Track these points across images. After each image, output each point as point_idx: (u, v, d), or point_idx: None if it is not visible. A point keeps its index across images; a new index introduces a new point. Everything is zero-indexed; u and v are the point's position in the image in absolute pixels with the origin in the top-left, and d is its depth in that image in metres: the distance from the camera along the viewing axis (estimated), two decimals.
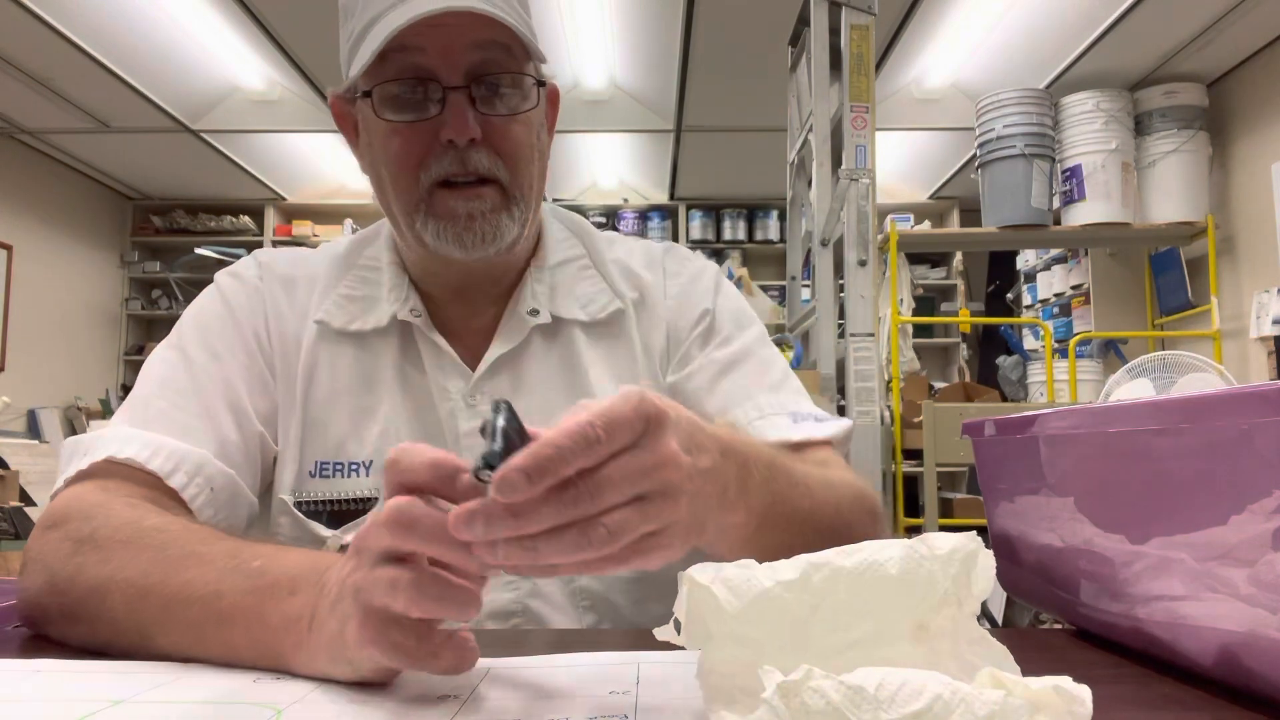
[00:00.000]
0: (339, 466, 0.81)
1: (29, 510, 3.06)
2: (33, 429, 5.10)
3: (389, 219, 0.83)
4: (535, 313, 0.85)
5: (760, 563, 0.43)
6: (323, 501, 0.80)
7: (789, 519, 0.59)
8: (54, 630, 0.63)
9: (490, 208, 0.77)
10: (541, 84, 0.80)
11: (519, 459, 0.40)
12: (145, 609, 0.57)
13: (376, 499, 0.80)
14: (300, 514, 0.80)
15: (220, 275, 0.88)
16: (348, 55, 0.77)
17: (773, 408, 0.82)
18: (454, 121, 0.74)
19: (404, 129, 0.75)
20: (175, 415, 0.75)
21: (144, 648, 0.57)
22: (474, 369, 0.83)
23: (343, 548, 0.77)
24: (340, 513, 0.80)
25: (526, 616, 0.79)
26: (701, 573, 0.41)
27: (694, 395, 0.84)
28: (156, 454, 0.71)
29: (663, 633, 0.44)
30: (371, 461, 0.80)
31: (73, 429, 5.29)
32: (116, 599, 0.58)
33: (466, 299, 0.85)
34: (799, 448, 0.78)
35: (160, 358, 0.81)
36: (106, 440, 0.72)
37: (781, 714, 0.33)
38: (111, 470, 0.70)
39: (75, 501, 0.67)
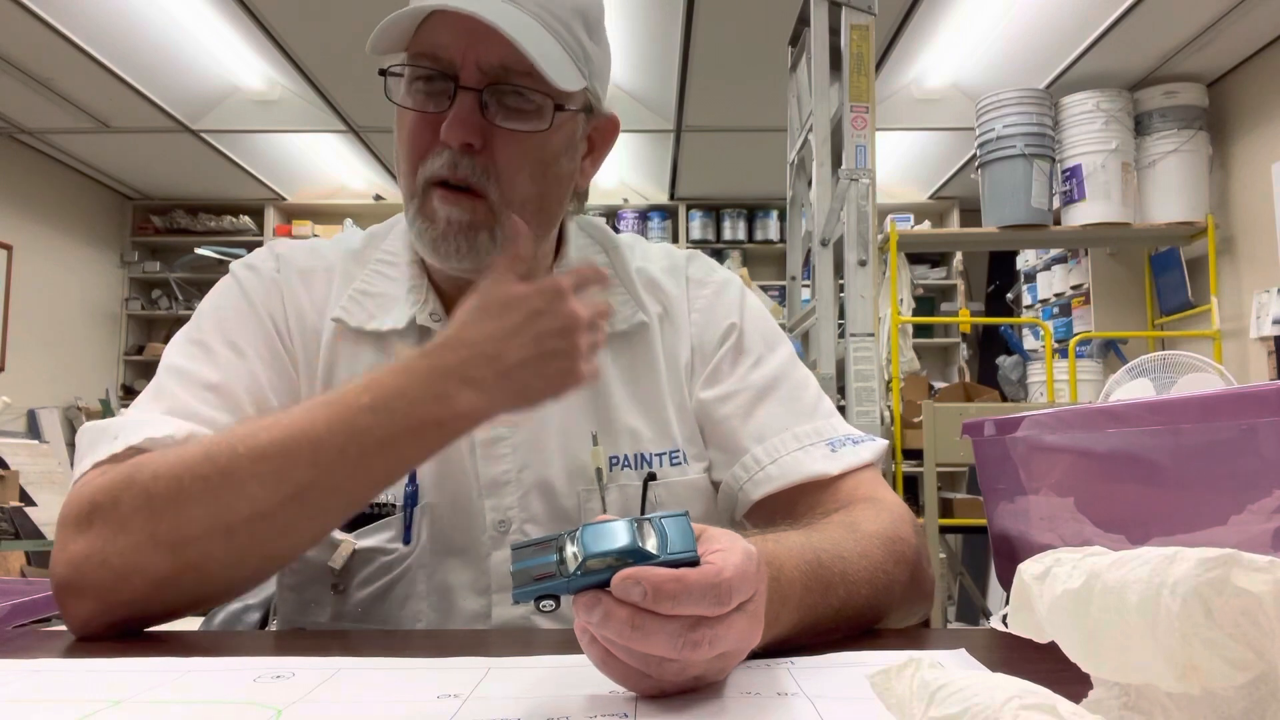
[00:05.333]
0: None
1: (29, 510, 3.06)
2: (33, 429, 5.09)
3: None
4: None
5: None
6: None
7: (818, 622, 0.61)
8: (158, 598, 0.64)
9: (469, 222, 0.74)
10: (560, 108, 0.76)
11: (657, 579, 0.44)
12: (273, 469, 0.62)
13: (393, 504, 0.78)
14: None
15: (235, 266, 0.85)
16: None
17: (810, 437, 0.81)
18: (453, 121, 0.72)
19: (415, 117, 0.75)
20: (199, 409, 0.73)
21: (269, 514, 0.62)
22: None
23: (355, 553, 0.77)
24: (356, 516, 0.78)
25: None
26: (1030, 566, 0.39)
27: (726, 422, 0.83)
28: (192, 437, 0.69)
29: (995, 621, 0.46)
30: None
31: (72, 429, 5.29)
32: (251, 487, 0.62)
33: None
34: (839, 478, 0.79)
35: (181, 350, 0.78)
36: (135, 425, 0.69)
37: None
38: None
39: (102, 488, 0.64)
